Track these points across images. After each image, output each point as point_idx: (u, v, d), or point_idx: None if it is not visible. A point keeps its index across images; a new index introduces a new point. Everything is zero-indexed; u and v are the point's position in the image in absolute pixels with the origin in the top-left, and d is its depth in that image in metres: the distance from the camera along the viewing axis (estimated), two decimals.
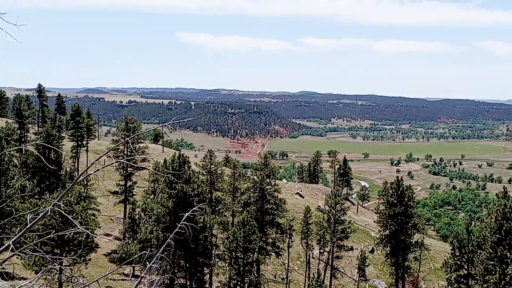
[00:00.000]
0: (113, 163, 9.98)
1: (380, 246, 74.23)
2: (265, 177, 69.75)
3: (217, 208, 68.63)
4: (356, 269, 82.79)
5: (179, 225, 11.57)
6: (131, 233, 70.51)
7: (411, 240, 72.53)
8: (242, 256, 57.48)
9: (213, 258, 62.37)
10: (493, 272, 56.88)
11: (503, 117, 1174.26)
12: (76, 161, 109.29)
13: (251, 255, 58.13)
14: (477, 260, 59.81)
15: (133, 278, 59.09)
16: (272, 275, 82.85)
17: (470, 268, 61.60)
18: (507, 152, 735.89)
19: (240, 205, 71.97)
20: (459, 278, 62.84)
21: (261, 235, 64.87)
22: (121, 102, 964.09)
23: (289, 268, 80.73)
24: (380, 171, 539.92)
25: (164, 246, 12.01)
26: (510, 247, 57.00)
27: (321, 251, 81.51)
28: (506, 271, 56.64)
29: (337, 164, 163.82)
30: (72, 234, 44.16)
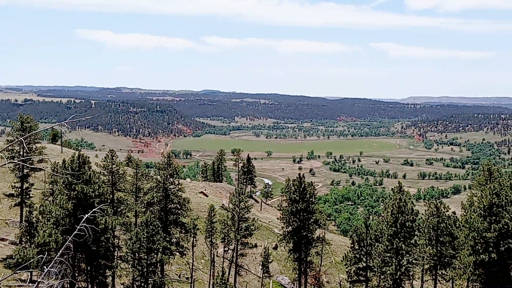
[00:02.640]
0: (5, 164, 9.53)
1: (283, 242, 75.50)
2: (168, 176, 69.09)
3: (119, 209, 67.25)
4: (260, 266, 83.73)
5: (78, 227, 11.24)
6: (28, 237, 67.68)
7: (313, 236, 74.30)
8: (146, 256, 56.67)
9: (115, 260, 61.05)
10: (390, 264, 59.41)
11: (398, 115, 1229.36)
12: None
13: (155, 256, 57.43)
14: (375, 252, 62.28)
15: (30, 284, 56.81)
16: (177, 275, 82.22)
17: (368, 261, 63.96)
18: (401, 148, 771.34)
19: (143, 205, 70.93)
20: (358, 271, 65.12)
21: (165, 235, 64.22)
22: (16, 100, 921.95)
23: (193, 267, 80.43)
24: (283, 169, 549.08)
25: (62, 249, 11.61)
26: (405, 239, 59.74)
27: (226, 249, 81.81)
28: (401, 262, 59.32)
29: (240, 163, 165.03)
30: None
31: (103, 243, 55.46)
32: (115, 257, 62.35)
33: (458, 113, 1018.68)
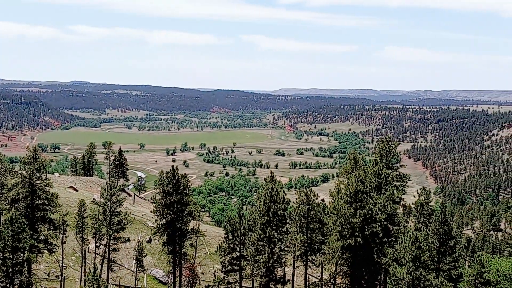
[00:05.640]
0: None
1: (157, 235, 74.90)
2: (34, 171, 66.01)
3: None
4: (134, 260, 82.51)
5: None
6: None
7: (187, 228, 74.36)
8: (11, 256, 53.93)
9: None
10: (263, 252, 60.91)
11: (269, 107, 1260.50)
12: None
13: (21, 254, 54.86)
14: (248, 242, 63.52)
15: None
16: (46, 273, 78.93)
17: (242, 250, 65.10)
18: (273, 139, 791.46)
19: (7, 202, 67.25)
20: (232, 260, 66.13)
21: (32, 232, 61.41)
22: None
23: (63, 265, 77.65)
24: (156, 161, 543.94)
25: None
26: (277, 227, 61.45)
27: (97, 244, 79.65)
28: (274, 250, 61.00)
29: (112, 156, 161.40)
30: None
31: None
32: None
33: (326, 105, 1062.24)
